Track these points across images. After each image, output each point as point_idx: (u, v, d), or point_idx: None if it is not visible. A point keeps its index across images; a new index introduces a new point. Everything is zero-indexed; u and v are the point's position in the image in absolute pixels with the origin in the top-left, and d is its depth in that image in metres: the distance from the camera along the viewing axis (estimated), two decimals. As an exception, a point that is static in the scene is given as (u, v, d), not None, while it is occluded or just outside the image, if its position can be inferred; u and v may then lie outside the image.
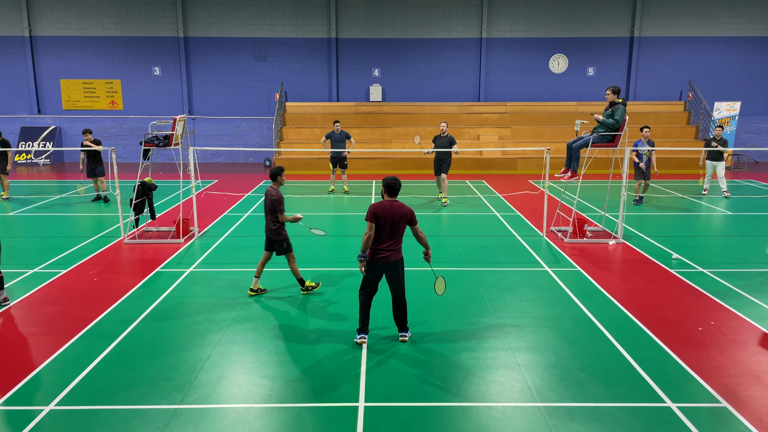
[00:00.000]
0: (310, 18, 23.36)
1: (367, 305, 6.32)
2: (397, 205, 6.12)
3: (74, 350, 6.22)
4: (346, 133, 15.58)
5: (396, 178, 6.23)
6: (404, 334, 6.45)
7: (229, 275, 8.79)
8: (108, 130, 23.75)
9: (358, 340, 6.32)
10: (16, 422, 4.89)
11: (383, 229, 6.09)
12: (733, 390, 5.39)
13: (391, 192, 6.19)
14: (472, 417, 4.99)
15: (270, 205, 7.58)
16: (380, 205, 6.13)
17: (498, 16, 23.44)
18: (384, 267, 6.16)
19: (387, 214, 6.06)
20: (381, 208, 6.09)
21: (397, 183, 6.19)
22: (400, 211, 6.09)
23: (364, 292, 6.32)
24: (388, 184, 6.18)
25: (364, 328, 6.34)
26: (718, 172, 15.02)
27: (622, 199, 10.62)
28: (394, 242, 6.13)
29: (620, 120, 10.00)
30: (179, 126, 10.76)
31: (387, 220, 6.06)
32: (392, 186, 6.18)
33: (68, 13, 23.04)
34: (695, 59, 23.56)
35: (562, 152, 20.24)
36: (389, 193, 6.20)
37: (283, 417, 5.00)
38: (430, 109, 23.34)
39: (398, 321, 6.45)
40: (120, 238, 10.87)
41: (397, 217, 6.08)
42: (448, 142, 13.95)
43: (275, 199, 7.53)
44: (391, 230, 6.09)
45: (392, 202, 6.14)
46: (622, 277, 8.73)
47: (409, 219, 6.15)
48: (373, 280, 6.25)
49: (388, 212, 6.07)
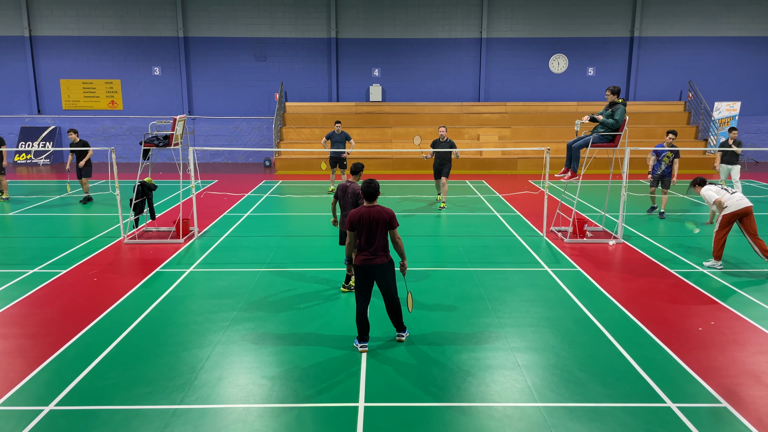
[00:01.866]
0: (310, 18, 23.37)
1: (364, 313, 6.21)
2: (375, 211, 6.05)
3: (74, 350, 6.22)
4: (346, 134, 15.56)
5: (371, 181, 6.13)
6: (401, 334, 6.44)
7: (229, 275, 8.79)
8: (108, 130, 23.76)
9: (359, 348, 6.23)
10: (16, 422, 4.89)
11: (362, 235, 6.05)
12: (733, 390, 5.39)
13: (368, 197, 6.13)
14: (472, 417, 4.99)
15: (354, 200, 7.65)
16: (357, 212, 6.09)
17: (498, 16, 23.44)
18: (371, 270, 6.09)
19: (363, 220, 6.03)
20: (358, 216, 6.05)
21: (370, 186, 6.10)
22: (377, 217, 6.03)
23: (358, 299, 6.21)
24: (363, 189, 6.13)
25: (365, 337, 6.24)
26: (734, 176, 14.17)
27: (622, 199, 10.62)
28: (376, 247, 6.04)
29: (620, 120, 10.01)
30: (179, 126, 10.76)
31: (364, 225, 6.02)
32: (366, 190, 6.11)
33: (68, 13, 23.04)
34: (695, 59, 23.56)
35: (562, 152, 20.23)
36: (366, 198, 6.14)
37: (283, 417, 5.00)
38: (430, 109, 23.34)
39: (394, 322, 6.43)
40: (120, 238, 10.87)
41: (374, 222, 6.02)
42: (448, 147, 13.62)
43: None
44: (370, 236, 6.04)
45: (370, 208, 6.07)
46: (622, 277, 8.73)
47: (388, 222, 6.06)
48: (363, 285, 6.17)
49: (365, 218, 6.03)
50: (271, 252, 10.03)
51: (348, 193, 7.73)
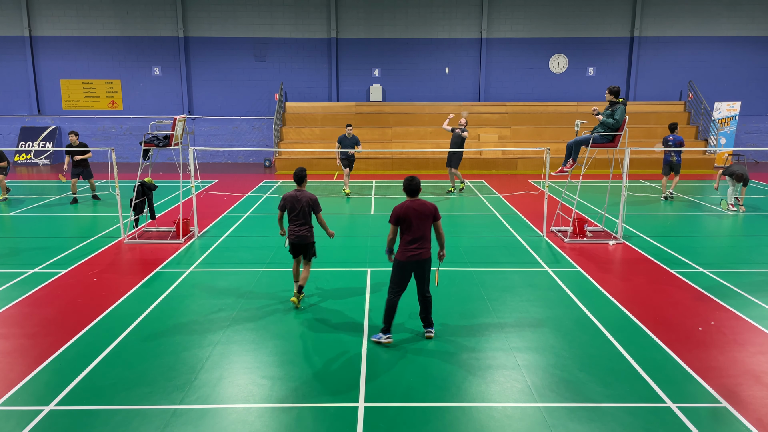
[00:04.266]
0: (310, 18, 23.37)
1: (395, 305, 6.38)
2: (418, 204, 6.24)
3: (74, 350, 6.22)
4: (356, 139, 15.53)
5: (413, 178, 6.33)
6: (430, 330, 6.51)
7: (229, 275, 8.79)
8: (108, 130, 23.76)
9: (384, 340, 6.32)
10: (16, 422, 4.89)
11: (408, 230, 6.23)
12: (733, 390, 5.39)
13: (409, 193, 6.33)
14: (472, 417, 4.99)
15: (309, 206, 7.35)
16: (402, 206, 6.27)
17: (498, 16, 23.44)
18: (414, 265, 6.27)
19: (411, 213, 6.20)
20: (403, 210, 6.24)
21: (411, 183, 6.31)
22: (423, 210, 6.22)
23: (393, 291, 6.36)
24: (404, 185, 6.35)
25: (388, 328, 6.38)
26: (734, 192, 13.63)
27: (622, 199, 10.62)
28: (423, 240, 6.23)
29: (620, 120, 10.01)
30: (179, 126, 10.76)
31: (412, 219, 6.20)
32: (408, 187, 6.33)
33: (68, 13, 23.04)
34: (695, 59, 23.56)
35: (562, 152, 20.22)
36: (408, 194, 6.34)
37: (283, 417, 5.00)
38: (430, 109, 23.33)
39: (424, 318, 6.54)
40: (120, 238, 10.87)
41: (419, 215, 6.20)
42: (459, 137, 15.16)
43: (315, 199, 7.38)
44: (417, 229, 6.21)
45: (413, 202, 6.27)
46: (622, 277, 8.73)
47: (433, 215, 6.27)
48: (402, 279, 6.35)
49: (411, 211, 6.21)
50: (271, 252, 10.03)
51: (302, 201, 7.31)
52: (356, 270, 8.99)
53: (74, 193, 14.57)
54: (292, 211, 7.38)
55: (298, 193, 7.37)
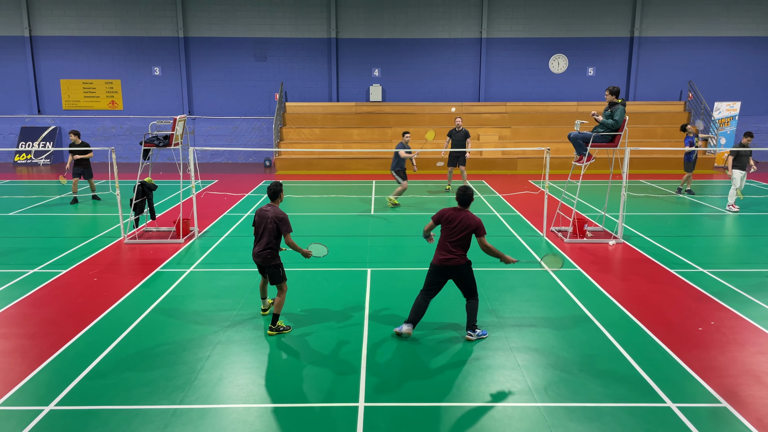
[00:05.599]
0: (310, 18, 23.37)
1: (420, 302, 6.47)
2: (463, 215, 6.34)
3: (74, 350, 6.22)
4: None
5: (465, 189, 6.42)
6: (470, 334, 6.51)
7: (229, 275, 8.79)
8: (108, 130, 23.76)
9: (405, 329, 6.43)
10: (16, 422, 4.89)
11: (445, 234, 6.37)
12: (733, 390, 5.39)
13: (460, 203, 6.45)
14: (472, 417, 4.99)
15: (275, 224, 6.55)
16: (448, 210, 6.44)
17: (498, 16, 23.44)
18: (443, 270, 6.36)
19: (449, 221, 6.35)
20: (447, 215, 6.40)
21: (465, 195, 6.41)
22: (464, 222, 6.31)
23: (423, 290, 6.51)
24: (458, 195, 6.46)
25: (410, 320, 6.48)
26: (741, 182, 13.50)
27: (622, 199, 10.62)
28: (455, 248, 6.31)
29: (620, 120, 10.01)
30: (179, 126, 10.77)
31: (449, 226, 6.34)
32: (460, 198, 6.44)
33: (68, 13, 23.04)
34: (695, 59, 23.56)
35: (562, 152, 20.27)
36: (461, 203, 6.46)
37: (283, 417, 5.00)
38: (430, 109, 23.34)
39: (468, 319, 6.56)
40: (120, 238, 10.87)
41: (456, 225, 6.31)
42: (463, 136, 15.39)
43: (283, 218, 6.56)
44: (450, 235, 6.32)
45: (458, 211, 6.39)
46: (622, 277, 8.73)
47: (475, 230, 6.31)
48: (432, 281, 6.45)
49: (451, 220, 6.35)
50: (271, 252, 10.02)
51: (268, 218, 6.55)
52: (356, 270, 9.00)
53: (75, 192, 14.58)
54: (257, 227, 6.66)
55: (267, 209, 6.65)
